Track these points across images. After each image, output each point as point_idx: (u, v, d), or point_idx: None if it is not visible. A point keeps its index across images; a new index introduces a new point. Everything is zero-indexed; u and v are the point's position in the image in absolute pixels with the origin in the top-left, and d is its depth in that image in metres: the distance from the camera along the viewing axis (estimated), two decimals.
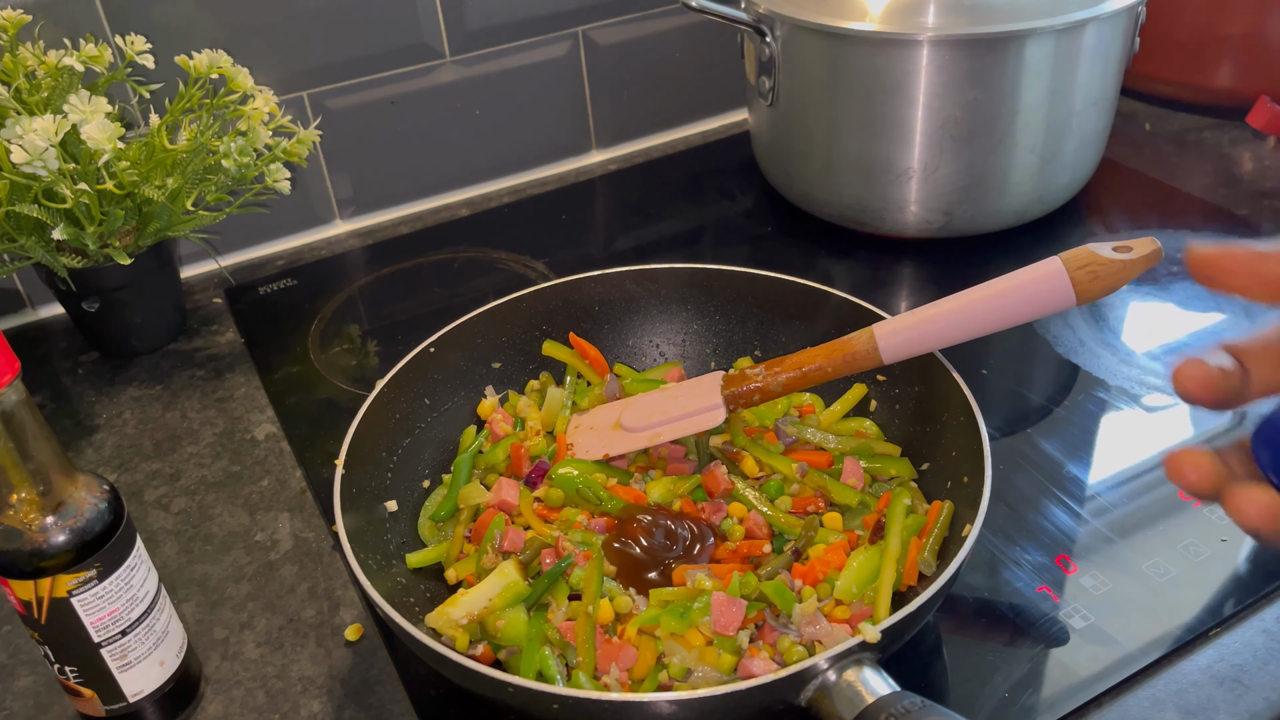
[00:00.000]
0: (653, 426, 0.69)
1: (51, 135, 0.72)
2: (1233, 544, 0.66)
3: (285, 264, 1.06)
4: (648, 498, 0.67)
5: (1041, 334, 0.86)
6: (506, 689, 0.50)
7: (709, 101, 1.25)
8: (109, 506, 0.54)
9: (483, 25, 1.07)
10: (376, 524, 0.65)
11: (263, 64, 0.98)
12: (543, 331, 0.79)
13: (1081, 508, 0.69)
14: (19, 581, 0.52)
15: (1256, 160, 1.10)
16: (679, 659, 0.57)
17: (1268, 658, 0.59)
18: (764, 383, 0.67)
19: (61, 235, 0.77)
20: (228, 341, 0.94)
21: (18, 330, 0.98)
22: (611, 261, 0.90)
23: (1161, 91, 1.20)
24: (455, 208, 1.14)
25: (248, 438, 0.82)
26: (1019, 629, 0.61)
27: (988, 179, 0.93)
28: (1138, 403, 0.78)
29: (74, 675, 0.56)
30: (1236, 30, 1.10)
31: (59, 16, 0.90)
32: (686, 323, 0.81)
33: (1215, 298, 0.89)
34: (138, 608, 0.55)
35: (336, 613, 0.67)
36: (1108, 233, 1.00)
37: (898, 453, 0.70)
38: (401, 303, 0.98)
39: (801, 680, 0.50)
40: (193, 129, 0.83)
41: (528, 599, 0.60)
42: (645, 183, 1.16)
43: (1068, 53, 0.88)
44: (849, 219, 1.00)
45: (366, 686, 0.62)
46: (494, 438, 0.73)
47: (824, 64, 0.92)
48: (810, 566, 0.61)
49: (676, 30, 1.18)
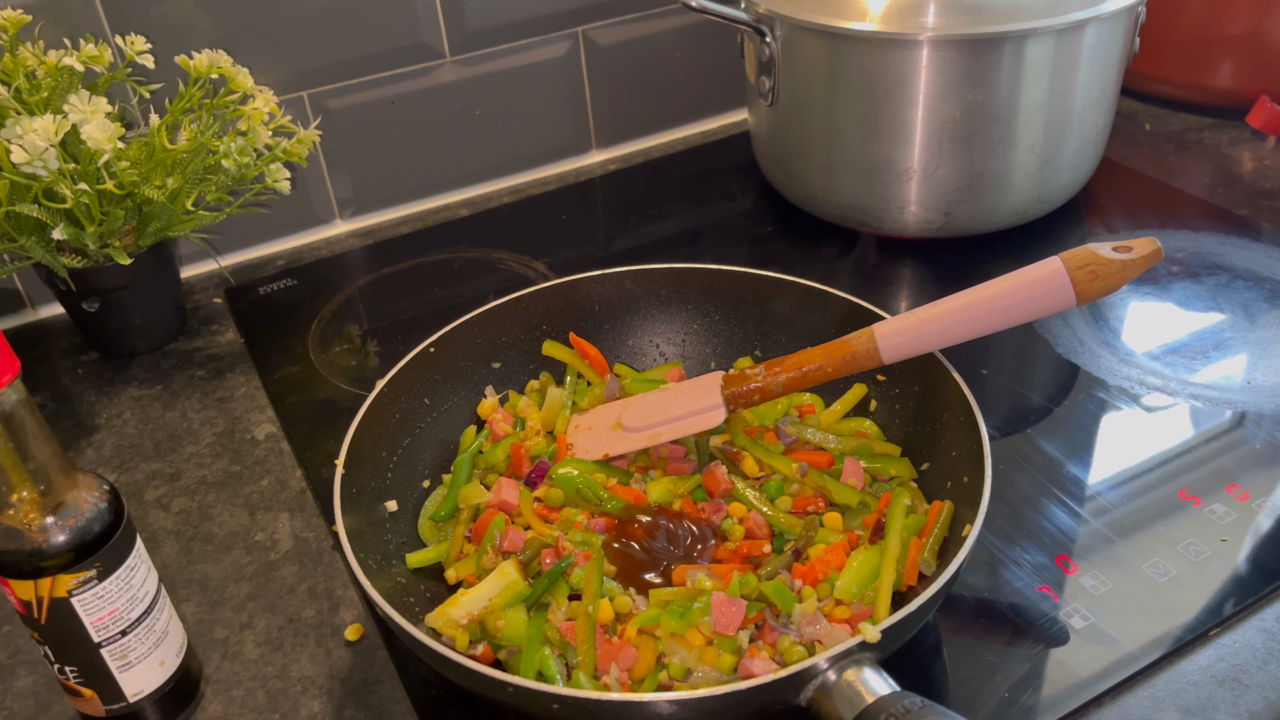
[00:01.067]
0: (653, 426, 0.69)
1: (51, 135, 0.72)
2: (1233, 544, 0.66)
3: (285, 264, 1.06)
4: (648, 498, 0.67)
5: (1041, 334, 0.86)
6: (506, 689, 0.50)
7: (709, 101, 1.25)
8: (109, 506, 0.54)
9: (483, 25, 1.07)
10: (376, 524, 0.65)
11: (263, 64, 0.98)
12: (543, 331, 0.79)
13: (1081, 508, 0.69)
14: (19, 581, 0.52)
15: (1256, 160, 1.10)
16: (679, 659, 0.57)
17: (1268, 658, 0.59)
18: (764, 383, 0.67)
19: (61, 235, 0.77)
20: (228, 341, 0.94)
21: (18, 330, 0.98)
22: (611, 261, 0.90)
23: (1161, 91, 1.20)
24: (455, 208, 1.14)
25: (248, 438, 0.82)
26: (1019, 629, 0.61)
27: (988, 179, 0.93)
28: (1138, 403, 0.78)
29: (74, 675, 0.56)
30: (1236, 30, 1.10)
31: (59, 16, 0.90)
32: (686, 323, 0.81)
33: (1215, 298, 0.89)
34: (138, 608, 0.55)
35: (336, 613, 0.67)
36: (1108, 233, 1.00)
37: (898, 453, 0.70)
38: (401, 303, 0.98)
39: (801, 680, 0.50)
40: (193, 129, 0.83)
41: (528, 599, 0.60)
42: (645, 183, 1.16)
43: (1068, 53, 0.88)
44: (849, 219, 1.00)
45: (366, 686, 0.62)
46: (494, 438, 0.73)
47: (824, 64, 0.92)
48: (810, 566, 0.61)
49: (676, 30, 1.18)
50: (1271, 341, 0.83)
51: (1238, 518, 0.67)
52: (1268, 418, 0.75)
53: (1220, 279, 0.91)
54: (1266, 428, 0.74)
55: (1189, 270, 0.93)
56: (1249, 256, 0.94)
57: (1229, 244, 0.96)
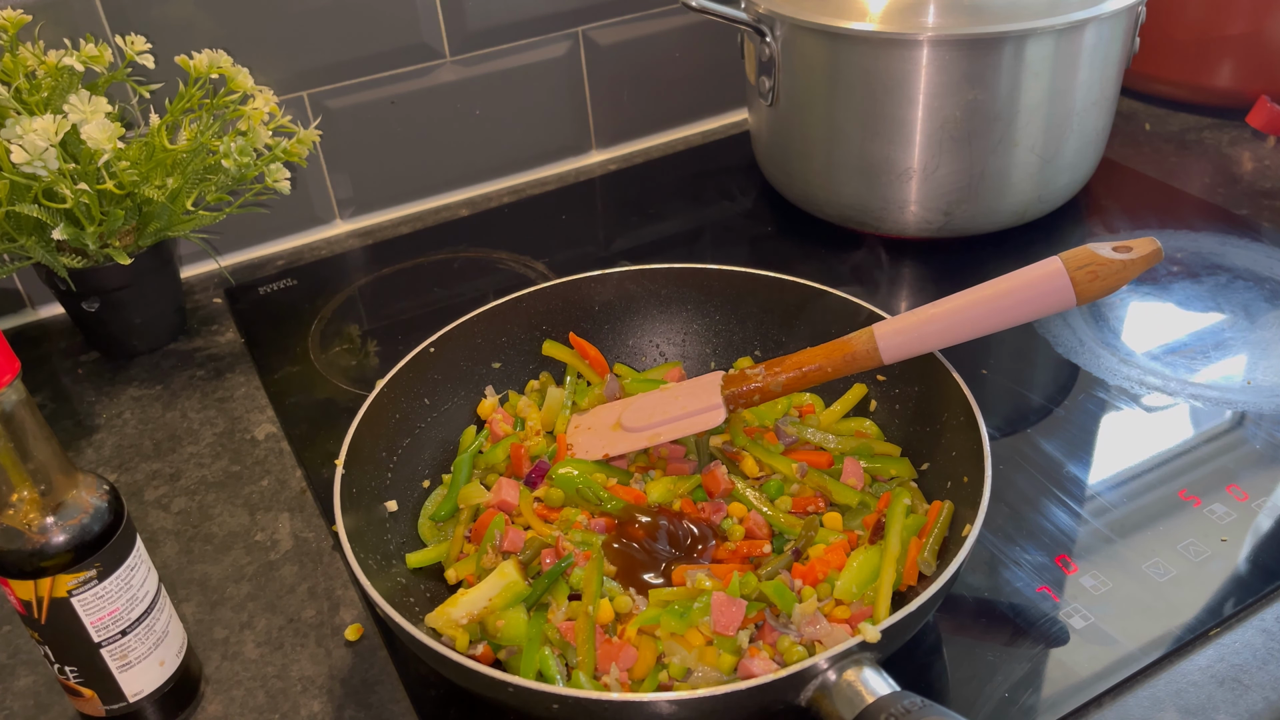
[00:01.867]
0: (653, 426, 0.69)
1: (51, 135, 0.72)
2: (1233, 544, 0.66)
3: (285, 264, 1.06)
4: (648, 498, 0.67)
5: (1041, 334, 0.86)
6: (506, 689, 0.50)
7: (709, 101, 1.25)
8: (109, 506, 0.54)
9: (483, 25, 1.07)
10: (376, 524, 0.65)
11: (263, 64, 0.98)
12: (543, 331, 0.79)
13: (1081, 508, 0.69)
14: (19, 581, 0.52)
15: (1256, 160, 1.10)
16: (679, 659, 0.57)
17: (1268, 658, 0.59)
18: (764, 383, 0.67)
19: (61, 235, 0.77)
20: (228, 341, 0.94)
21: (18, 330, 0.98)
22: (611, 261, 0.90)
23: (1161, 91, 1.20)
24: (455, 208, 1.14)
25: (248, 438, 0.82)
26: (1019, 629, 0.61)
27: (988, 179, 0.93)
28: (1138, 403, 0.78)
29: (74, 675, 0.56)
30: (1236, 30, 1.10)
31: (59, 16, 0.90)
32: (686, 323, 0.81)
33: (1215, 298, 0.89)
34: (138, 608, 0.55)
35: (336, 613, 0.67)
36: (1108, 233, 1.00)
37: (898, 453, 0.70)
38: (401, 303, 0.98)
39: (801, 680, 0.50)
40: (193, 129, 0.83)
41: (528, 599, 0.60)
42: (645, 183, 1.16)
43: (1068, 53, 0.88)
44: (849, 219, 1.00)
45: (366, 686, 0.62)
46: (494, 438, 0.73)
47: (824, 64, 0.92)
48: (810, 566, 0.61)
49: (676, 30, 1.17)
50: (1271, 341, 0.83)
51: (1238, 518, 0.67)
52: (1268, 418, 0.75)
53: (1220, 279, 0.91)
54: (1266, 428, 0.74)
55: (1189, 270, 0.93)
56: (1249, 256, 0.94)
57: (1229, 244, 0.96)
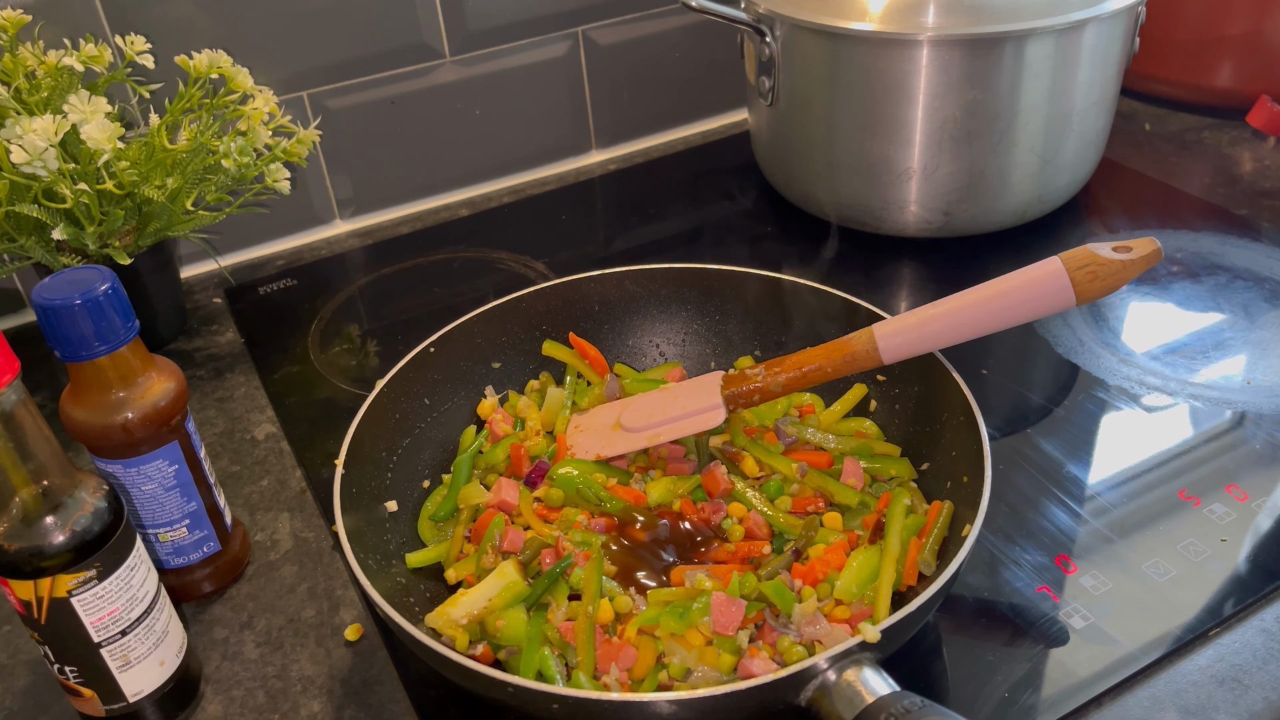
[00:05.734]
0: (652, 426, 0.69)
1: (51, 135, 0.72)
2: (1233, 544, 0.66)
3: (285, 264, 1.06)
4: (648, 498, 0.67)
5: (1041, 334, 0.86)
6: (506, 689, 0.50)
7: (709, 101, 1.25)
8: (109, 506, 0.54)
9: (483, 25, 1.07)
10: (376, 524, 0.65)
11: (263, 64, 0.98)
12: (543, 331, 0.79)
13: (1081, 508, 0.69)
14: (19, 581, 0.52)
15: (1256, 160, 1.10)
16: (679, 659, 0.57)
17: (1267, 658, 0.59)
18: (764, 383, 0.67)
19: (61, 235, 0.77)
20: (228, 341, 0.94)
21: (18, 330, 0.98)
22: (611, 261, 0.90)
23: (1161, 91, 1.20)
24: (455, 208, 1.14)
25: (248, 438, 0.82)
26: (1019, 629, 0.61)
27: (988, 179, 0.93)
28: (1138, 403, 0.78)
29: (74, 675, 0.56)
30: (1236, 30, 1.10)
31: (59, 16, 0.90)
32: (686, 323, 0.81)
33: (1215, 298, 0.89)
34: (138, 608, 0.55)
35: (336, 613, 0.67)
36: (1108, 233, 1.00)
37: (898, 453, 0.70)
38: (401, 303, 0.98)
39: (801, 680, 0.50)
40: (193, 129, 0.83)
41: (528, 599, 0.60)
42: (645, 183, 1.16)
43: (1068, 53, 0.88)
44: (849, 219, 1.00)
45: (366, 686, 0.62)
46: (494, 438, 0.73)
47: (824, 64, 0.92)
48: (810, 566, 0.61)
49: (676, 30, 1.18)
50: (1271, 341, 0.83)
51: (1238, 518, 0.67)
52: (1268, 418, 0.75)
53: (1220, 279, 0.91)
54: (1266, 428, 0.74)
55: (1189, 270, 0.93)
56: (1249, 256, 0.94)
57: (1229, 244, 0.96)
